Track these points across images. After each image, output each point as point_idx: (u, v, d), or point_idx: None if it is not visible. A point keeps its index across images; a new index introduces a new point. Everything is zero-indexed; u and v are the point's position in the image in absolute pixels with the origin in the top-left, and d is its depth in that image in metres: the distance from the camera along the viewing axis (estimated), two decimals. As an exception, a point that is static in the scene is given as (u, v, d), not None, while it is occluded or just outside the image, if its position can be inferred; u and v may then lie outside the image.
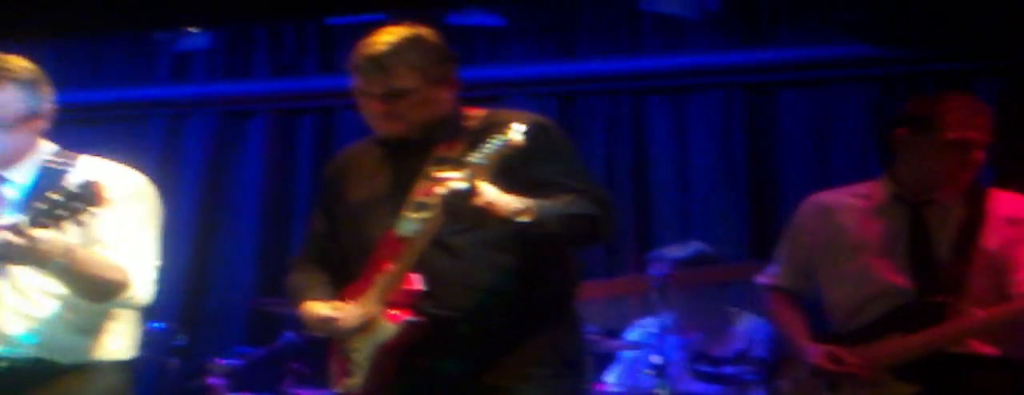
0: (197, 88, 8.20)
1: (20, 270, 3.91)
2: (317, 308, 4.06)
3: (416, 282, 3.88)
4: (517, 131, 3.65)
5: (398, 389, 4.01)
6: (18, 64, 4.02)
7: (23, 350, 3.98)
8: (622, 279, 6.66)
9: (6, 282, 3.97)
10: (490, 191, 3.65)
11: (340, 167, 4.30)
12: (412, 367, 3.96)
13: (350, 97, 4.09)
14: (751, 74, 7.34)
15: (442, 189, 3.64)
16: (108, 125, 8.23)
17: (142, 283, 4.02)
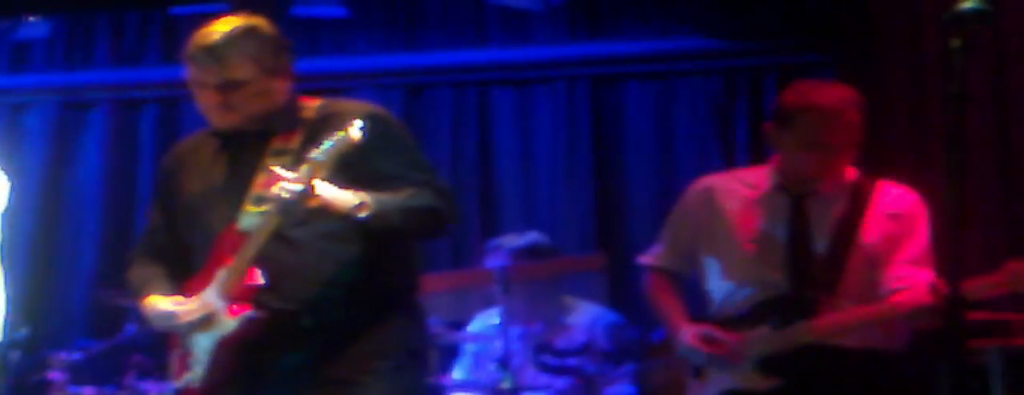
0: (37, 77, 8.06)
1: None
2: (158, 302, 4.03)
3: (256, 276, 3.86)
4: (355, 127, 3.66)
5: (239, 383, 3.98)
6: None
7: None
8: (467, 271, 6.67)
9: None
10: (327, 189, 3.67)
11: (176, 160, 4.26)
12: (254, 361, 3.94)
13: (192, 88, 4.07)
14: (596, 66, 7.41)
15: (278, 189, 3.64)
16: (-53, 116, 8.08)
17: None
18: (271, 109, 4.02)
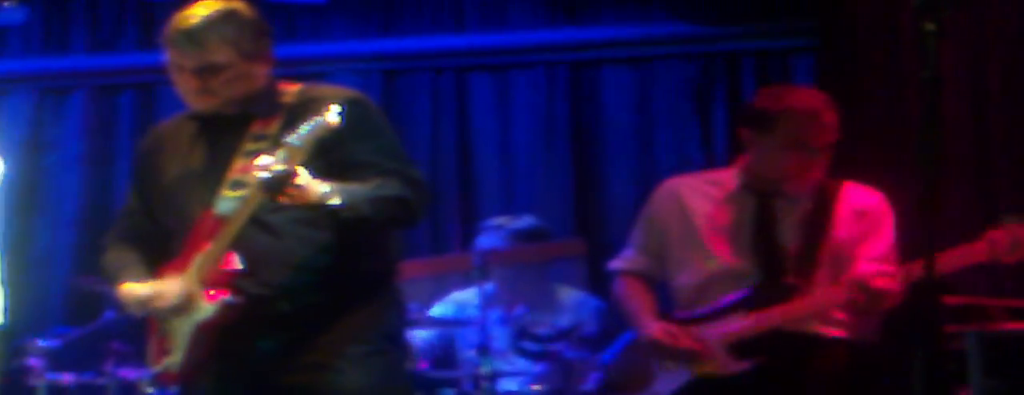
0: (13, 64, 8.03)
1: None
2: (135, 288, 4.02)
3: (234, 261, 3.86)
4: (333, 112, 3.65)
5: (217, 368, 3.99)
6: None
7: None
8: (446, 257, 6.67)
9: None
10: (304, 175, 3.67)
11: (154, 143, 4.24)
12: (232, 346, 3.94)
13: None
14: (574, 52, 7.39)
15: (259, 171, 3.64)
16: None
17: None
18: (250, 93, 4.01)
